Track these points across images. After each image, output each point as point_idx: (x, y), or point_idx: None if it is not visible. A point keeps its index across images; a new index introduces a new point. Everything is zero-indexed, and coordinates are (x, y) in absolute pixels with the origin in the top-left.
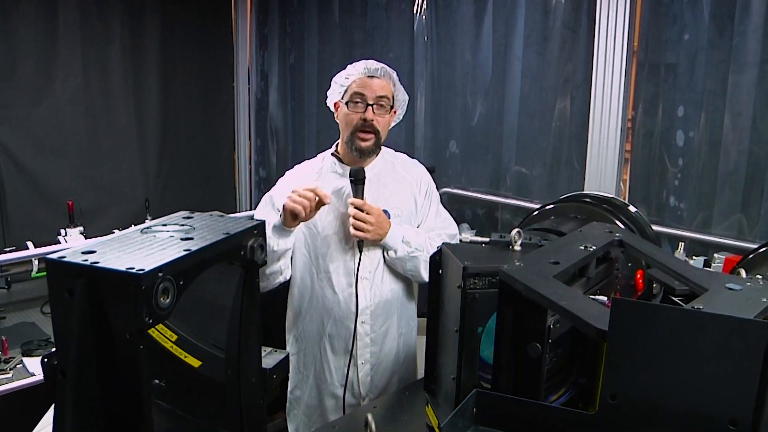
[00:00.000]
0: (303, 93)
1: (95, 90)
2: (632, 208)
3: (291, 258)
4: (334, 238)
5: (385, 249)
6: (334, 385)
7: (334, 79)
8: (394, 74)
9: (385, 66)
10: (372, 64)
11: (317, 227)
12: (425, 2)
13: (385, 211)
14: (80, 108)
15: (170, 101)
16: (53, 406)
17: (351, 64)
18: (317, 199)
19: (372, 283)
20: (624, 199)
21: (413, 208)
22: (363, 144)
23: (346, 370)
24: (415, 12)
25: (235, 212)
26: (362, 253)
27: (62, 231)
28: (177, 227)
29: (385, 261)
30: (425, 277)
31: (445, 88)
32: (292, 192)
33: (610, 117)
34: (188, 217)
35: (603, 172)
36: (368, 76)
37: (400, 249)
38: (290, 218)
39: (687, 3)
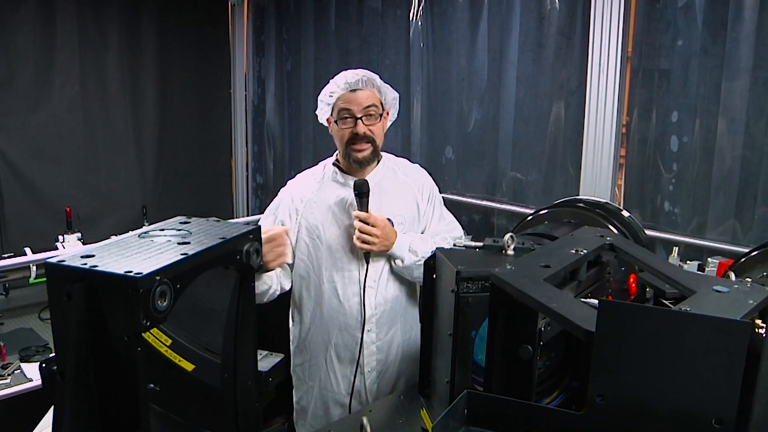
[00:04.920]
0: (300, 99)
1: (93, 97)
2: (625, 213)
3: (291, 271)
4: (338, 248)
5: (391, 258)
6: (341, 393)
7: (319, 97)
8: (377, 79)
9: (366, 74)
10: (351, 77)
11: (320, 238)
12: (421, 9)
13: (389, 220)
14: (78, 115)
15: (167, 108)
16: (51, 409)
17: (332, 79)
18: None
19: (377, 292)
20: (619, 204)
21: (416, 214)
22: (360, 155)
23: (352, 379)
24: (410, 19)
25: (232, 219)
26: (369, 264)
27: (60, 237)
28: (174, 232)
29: (391, 269)
30: None
31: (441, 95)
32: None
33: (604, 122)
34: (185, 222)
35: (598, 177)
36: (351, 91)
37: (407, 258)
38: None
39: (680, 9)
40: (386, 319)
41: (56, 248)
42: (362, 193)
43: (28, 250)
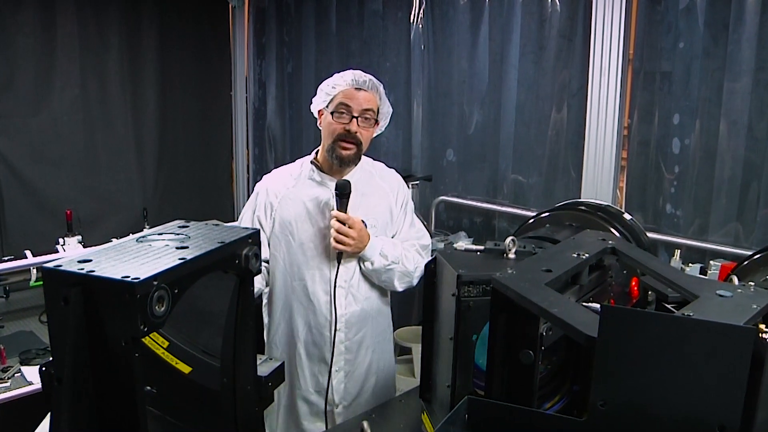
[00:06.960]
0: (300, 102)
1: (93, 99)
2: (627, 216)
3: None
4: (311, 246)
5: (361, 260)
6: (309, 391)
7: (320, 86)
8: (381, 87)
9: (373, 78)
10: (360, 76)
11: (293, 235)
12: (422, 11)
13: (363, 222)
14: (78, 117)
15: (168, 110)
16: (49, 414)
17: (339, 73)
18: None
19: (348, 292)
20: (621, 206)
21: (389, 219)
22: (344, 153)
23: (320, 377)
24: (411, 21)
25: (233, 221)
26: (340, 264)
27: (61, 240)
28: (172, 236)
29: (361, 271)
30: (398, 287)
31: (442, 97)
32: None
33: (606, 125)
34: (184, 226)
35: (599, 180)
36: (355, 88)
37: (377, 261)
38: None
39: (682, 11)
40: (356, 320)
41: (57, 251)
42: (344, 193)
43: (28, 252)
